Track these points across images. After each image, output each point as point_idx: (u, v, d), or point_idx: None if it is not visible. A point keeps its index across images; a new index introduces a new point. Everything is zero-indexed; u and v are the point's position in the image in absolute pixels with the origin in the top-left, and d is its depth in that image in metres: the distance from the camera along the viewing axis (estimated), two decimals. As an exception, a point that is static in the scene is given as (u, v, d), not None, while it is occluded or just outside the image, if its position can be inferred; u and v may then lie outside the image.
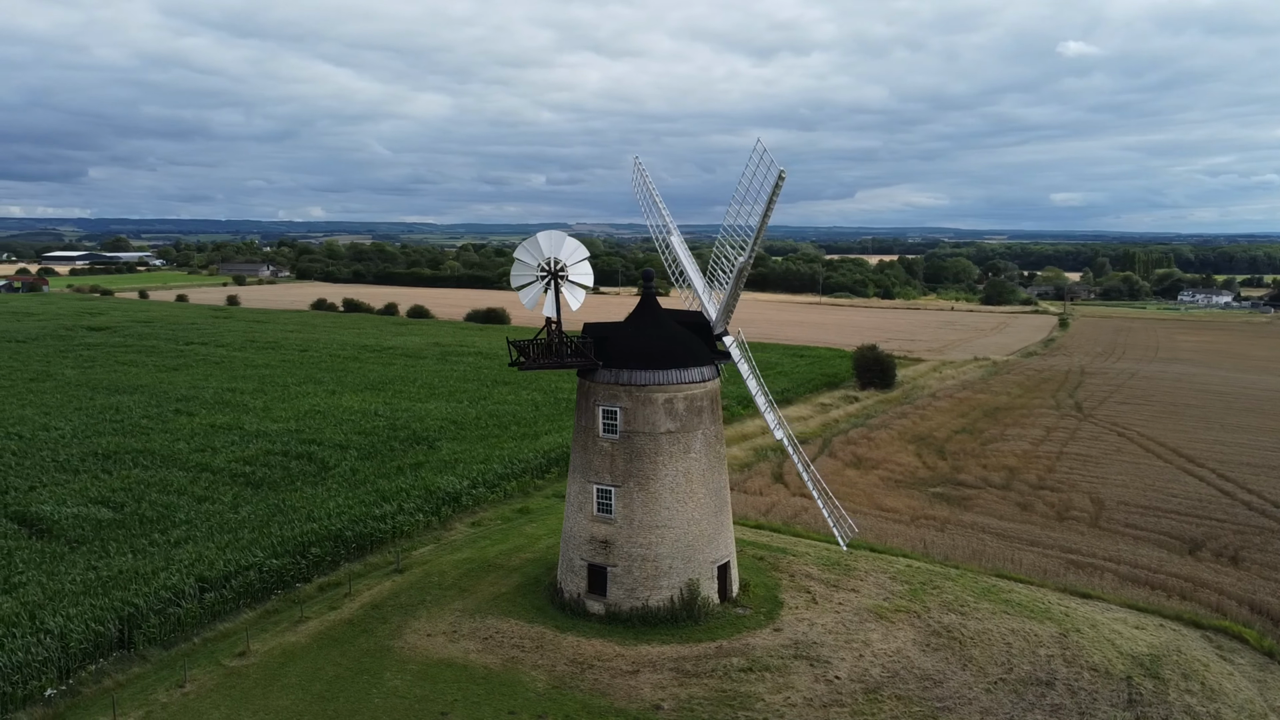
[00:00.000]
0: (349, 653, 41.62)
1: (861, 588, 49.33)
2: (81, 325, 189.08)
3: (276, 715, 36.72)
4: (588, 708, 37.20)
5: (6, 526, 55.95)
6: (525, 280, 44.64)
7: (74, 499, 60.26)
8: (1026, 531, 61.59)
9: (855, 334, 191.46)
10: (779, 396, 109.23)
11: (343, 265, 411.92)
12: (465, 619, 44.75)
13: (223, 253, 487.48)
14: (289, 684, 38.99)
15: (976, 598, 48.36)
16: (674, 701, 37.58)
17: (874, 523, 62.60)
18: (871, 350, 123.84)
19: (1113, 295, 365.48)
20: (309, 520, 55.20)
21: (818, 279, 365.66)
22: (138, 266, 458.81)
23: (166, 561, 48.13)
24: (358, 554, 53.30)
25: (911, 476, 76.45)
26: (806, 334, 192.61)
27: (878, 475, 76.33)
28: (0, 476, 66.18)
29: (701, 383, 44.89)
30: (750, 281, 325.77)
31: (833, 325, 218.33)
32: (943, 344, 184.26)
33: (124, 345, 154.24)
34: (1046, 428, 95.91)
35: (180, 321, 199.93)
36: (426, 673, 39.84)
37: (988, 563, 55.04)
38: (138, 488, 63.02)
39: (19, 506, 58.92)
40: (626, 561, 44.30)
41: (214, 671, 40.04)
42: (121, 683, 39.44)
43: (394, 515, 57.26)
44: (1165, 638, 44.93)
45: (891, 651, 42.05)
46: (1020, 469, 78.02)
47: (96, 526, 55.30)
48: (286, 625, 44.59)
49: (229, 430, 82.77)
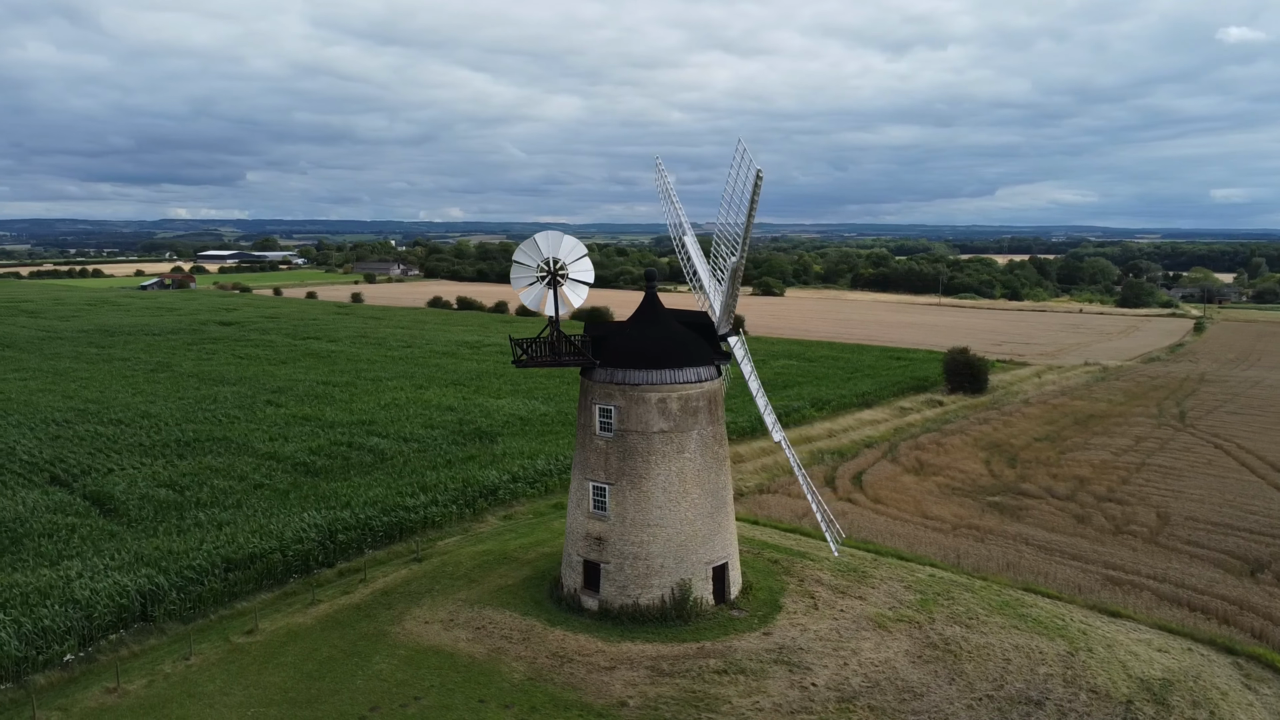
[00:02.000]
0: (348, 636, 43.48)
1: (870, 595, 48.20)
2: (214, 320, 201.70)
3: (265, 690, 38.79)
4: (556, 701, 37.79)
5: (80, 505, 60.65)
6: (526, 281, 45.55)
7: (145, 481, 64.76)
8: (1073, 545, 58.71)
9: (965, 336, 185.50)
10: (859, 400, 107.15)
11: (467, 264, 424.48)
12: (464, 609, 46.04)
13: (357, 252, 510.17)
14: (285, 662, 41.08)
15: (990, 611, 46.59)
16: (641, 700, 37.78)
17: (911, 530, 60.92)
18: (962, 354, 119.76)
19: (1267, 298, 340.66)
20: (344, 508, 57.67)
21: (940, 279, 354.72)
22: (280, 265, 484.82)
23: (199, 542, 51.28)
24: (384, 542, 55.45)
25: (972, 484, 73.82)
26: (915, 336, 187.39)
27: (935, 482, 74.04)
28: (89, 457, 71.78)
29: (697, 383, 44.76)
30: (871, 282, 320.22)
31: (946, 327, 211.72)
32: (1058, 348, 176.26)
33: (244, 340, 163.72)
34: (1136, 437, 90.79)
35: (303, 317, 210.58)
36: (413, 658, 41.25)
37: (1020, 575, 52.81)
38: (204, 473, 67.21)
39: (95, 487, 63.73)
40: (619, 559, 44.70)
41: (220, 647, 42.56)
42: (136, 653, 42.43)
43: (426, 506, 59.23)
44: (1188, 662, 42.25)
45: (879, 661, 41.04)
46: (1091, 479, 74.25)
47: (156, 507, 59.32)
48: (299, 607, 46.91)
49: (307, 421, 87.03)
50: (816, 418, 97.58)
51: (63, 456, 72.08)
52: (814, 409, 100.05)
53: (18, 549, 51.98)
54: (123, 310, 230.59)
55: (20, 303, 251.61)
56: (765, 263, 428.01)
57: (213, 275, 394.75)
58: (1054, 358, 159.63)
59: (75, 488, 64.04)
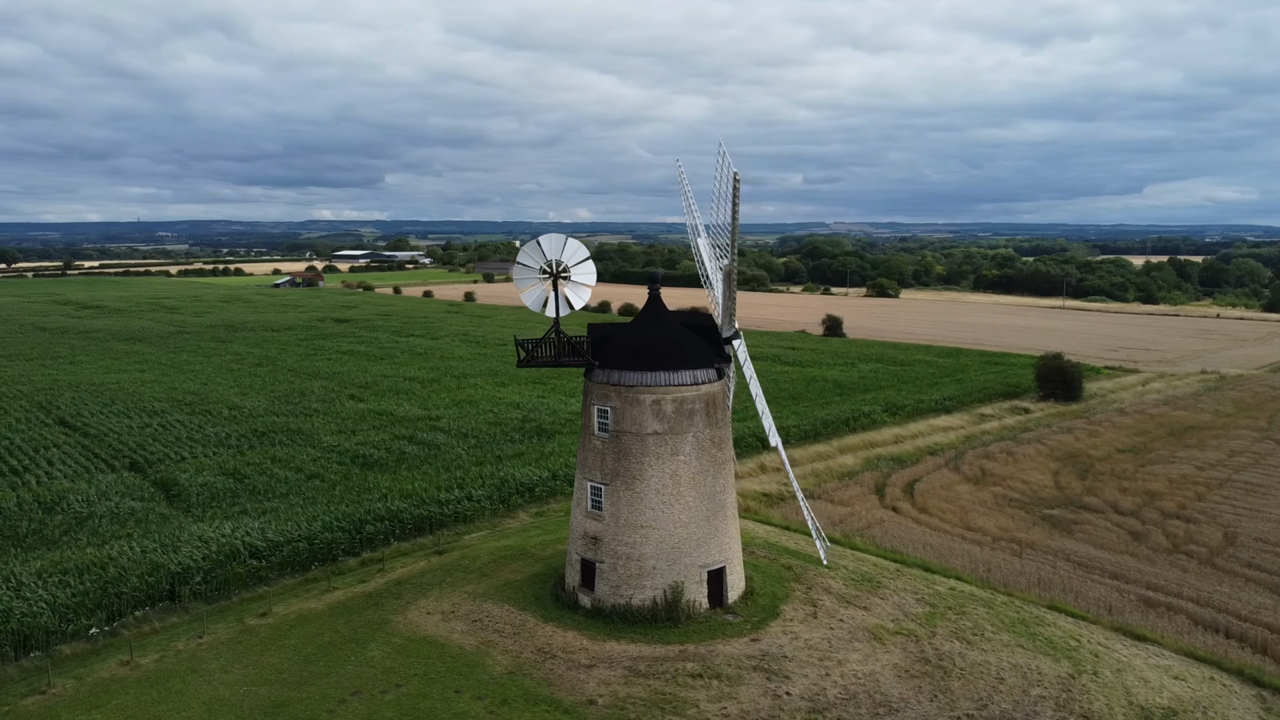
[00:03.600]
0: (352, 623, 45.27)
1: (877, 606, 47.05)
2: (330, 318, 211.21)
3: (262, 670, 40.85)
4: (528, 695, 38.47)
5: (148, 490, 64.95)
6: (528, 283, 46.41)
7: (211, 470, 68.79)
8: (1118, 563, 55.75)
9: (1080, 342, 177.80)
10: (938, 405, 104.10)
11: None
12: (467, 601, 47.26)
13: (480, 252, 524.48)
14: (288, 644, 43.13)
15: (1000, 628, 44.83)
16: (610, 699, 38.07)
17: (946, 541, 59.03)
18: (1055, 359, 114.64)
19: None
20: (380, 500, 59.89)
21: (1068, 281, 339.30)
22: (407, 265, 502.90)
23: (234, 529, 54.19)
24: (412, 534, 57.33)
25: (1032, 496, 70.84)
26: (1025, 340, 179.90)
27: (992, 492, 71.38)
28: (169, 446, 76.68)
29: (693, 386, 44.62)
30: (994, 284, 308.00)
31: (1061, 332, 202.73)
32: (1179, 354, 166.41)
33: (353, 335, 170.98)
34: (1230, 451, 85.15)
35: (413, 315, 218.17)
36: (406, 647, 42.64)
37: (1048, 592, 50.56)
38: (266, 463, 70.89)
39: (166, 474, 68.13)
40: (613, 559, 45.06)
41: (234, 627, 44.99)
42: (158, 629, 45.34)
43: (459, 501, 60.93)
44: (1204, 692, 39.72)
45: (863, 674, 40.12)
46: (1163, 494, 70.13)
47: (213, 495, 62.99)
48: (315, 593, 49.09)
49: (380, 416, 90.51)
50: (888, 423, 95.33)
51: (146, 444, 77.23)
52: (887, 414, 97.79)
53: (80, 528, 56.15)
54: (251, 307, 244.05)
55: (163, 299, 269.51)
56: (883, 264, 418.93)
57: (342, 274, 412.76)
58: (1171, 365, 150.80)
59: (149, 474, 68.56)
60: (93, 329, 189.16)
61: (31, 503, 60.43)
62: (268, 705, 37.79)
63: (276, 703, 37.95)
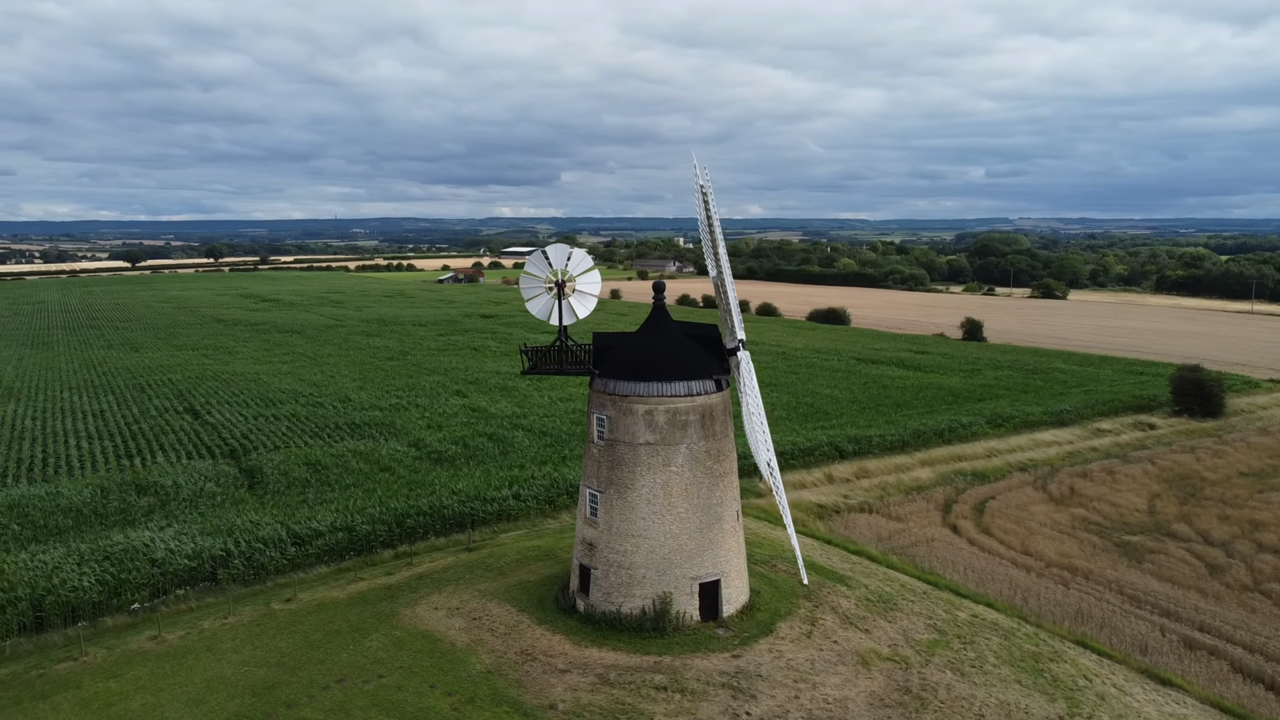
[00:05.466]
0: (364, 613, 47.62)
1: (880, 629, 45.44)
2: (478, 314, 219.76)
3: (268, 653, 43.68)
4: (495, 695, 39.52)
5: (235, 477, 70.11)
6: (534, 292, 47.43)
7: (296, 460, 73.48)
8: (1175, 598, 51.46)
9: (1255, 351, 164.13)
10: (1051, 417, 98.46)
11: (738, 262, 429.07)
12: (474, 599, 48.78)
13: (639, 249, 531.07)
14: (299, 630, 45.87)
15: (1004, 661, 42.46)
16: (571, 704, 38.61)
17: (991, 564, 56.14)
18: (1192, 372, 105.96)
19: None
20: (429, 495, 62.45)
21: (1264, 283, 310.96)
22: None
23: (286, 517, 57.87)
24: (453, 529, 59.44)
25: (1115, 520, 66.18)
26: (1190, 348, 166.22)
27: (1071, 514, 67.10)
28: (269, 435, 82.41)
29: (687, 397, 44.41)
30: (1178, 285, 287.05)
31: (1235, 339, 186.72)
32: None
33: (489, 331, 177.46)
34: (1373, 481, 76.57)
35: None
36: (403, 640, 44.53)
37: (1082, 625, 47.39)
38: (347, 456, 75.05)
39: (255, 462, 73.29)
40: (605, 566, 45.50)
41: (258, 611, 48.22)
42: (194, 608, 49.17)
43: (505, 499, 62.65)
44: (1211, 748, 36.47)
45: (834, 699, 38.99)
46: (1269, 525, 63.94)
47: (289, 484, 67.39)
48: (342, 583, 51.85)
49: (474, 412, 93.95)
50: (989, 435, 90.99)
51: (252, 433, 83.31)
52: (989, 426, 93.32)
53: (162, 509, 61.44)
54: (409, 302, 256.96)
55: (333, 293, 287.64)
56: (1055, 263, 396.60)
57: (504, 271, 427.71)
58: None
59: (242, 462, 73.98)
60: (261, 321, 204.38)
61: (130, 484, 66.49)
62: (259, 686, 40.43)
63: (268, 684, 40.54)
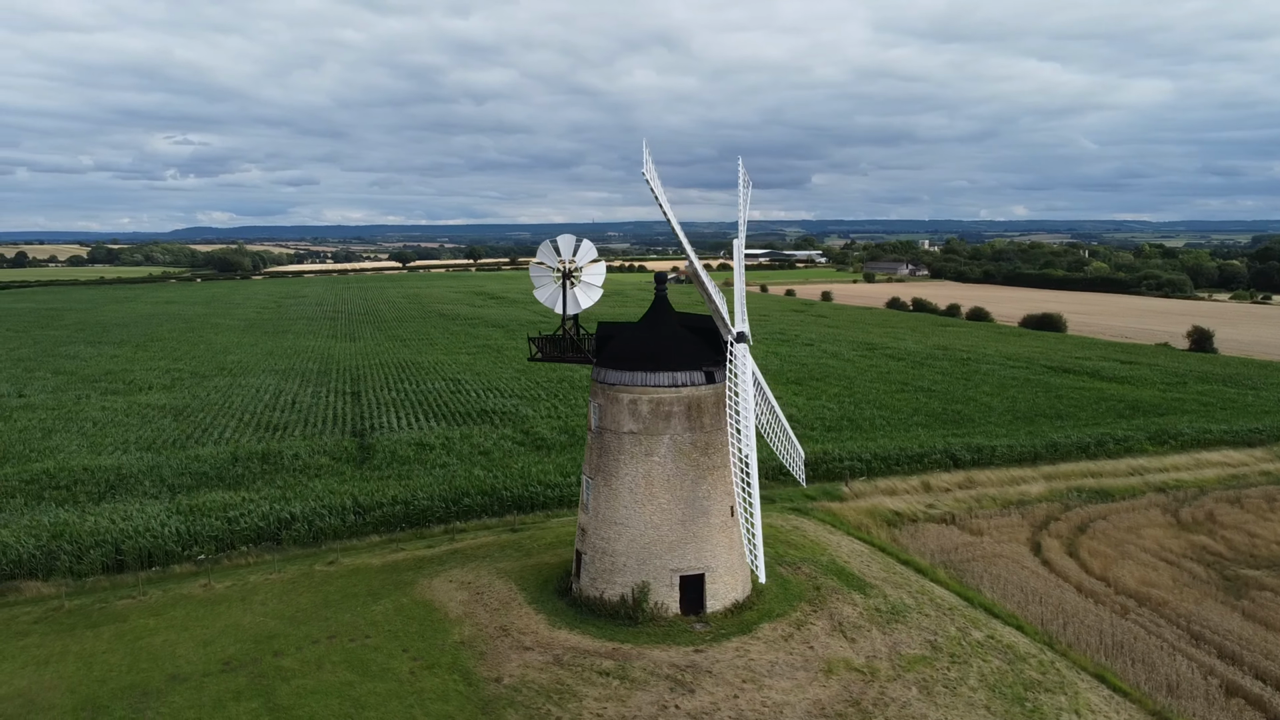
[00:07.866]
0: (385, 581, 50.80)
1: (867, 641, 43.05)
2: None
3: (288, 608, 47.73)
4: (455, 665, 41.19)
5: (350, 451, 76.18)
6: (543, 281, 48.74)
7: (405, 440, 78.69)
8: (1252, 641, 44.85)
9: None
10: (1232, 437, 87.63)
11: (976, 265, 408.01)
12: (486, 575, 50.74)
13: (871, 252, 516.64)
14: (323, 591, 49.67)
15: (986, 686, 39.14)
16: (516, 680, 39.64)
17: (1047, 587, 51.42)
18: None
19: None
20: (498, 477, 65.22)
21: None
22: (799, 263, 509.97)
23: (354, 487, 62.44)
24: (510, 510, 61.80)
25: (1240, 552, 58.34)
26: None
27: (1190, 541, 59.84)
28: (399, 417, 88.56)
29: (671, 388, 44.10)
30: None
31: None
32: None
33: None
34: None
35: (753, 313, 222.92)
36: (405, 608, 47.22)
37: (1112, 658, 42.62)
38: (457, 439, 79.33)
39: (373, 440, 79.20)
40: (592, 552, 46.06)
41: (302, 570, 52.63)
42: (251, 563, 54.39)
43: (569, 485, 64.29)
44: (1180, 804, 32.10)
45: (772, 704, 37.62)
46: None
47: (391, 459, 72.51)
48: (386, 552, 55.45)
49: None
50: (1146, 451, 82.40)
51: (385, 412, 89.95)
52: (1150, 442, 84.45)
53: (267, 476, 68.00)
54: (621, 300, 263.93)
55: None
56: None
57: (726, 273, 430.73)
58: None
59: (363, 439, 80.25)
60: (476, 316, 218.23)
61: (259, 452, 74.06)
62: (262, 635, 44.40)
63: (270, 634, 44.45)
